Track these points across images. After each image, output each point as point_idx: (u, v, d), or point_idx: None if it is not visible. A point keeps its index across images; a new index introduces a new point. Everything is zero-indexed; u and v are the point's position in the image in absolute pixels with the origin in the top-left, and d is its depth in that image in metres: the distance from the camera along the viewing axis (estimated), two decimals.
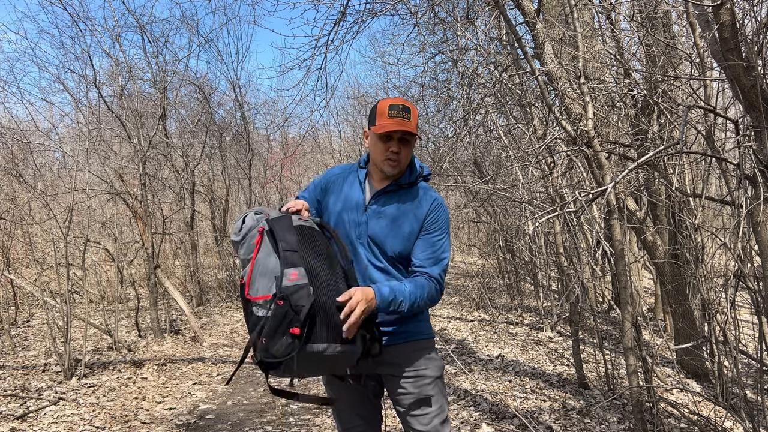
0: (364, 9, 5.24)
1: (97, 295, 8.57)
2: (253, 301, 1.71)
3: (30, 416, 4.13)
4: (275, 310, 1.64)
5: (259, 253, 1.76)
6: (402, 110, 1.89)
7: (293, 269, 1.69)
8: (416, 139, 1.95)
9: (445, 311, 8.43)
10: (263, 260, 1.74)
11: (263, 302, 1.68)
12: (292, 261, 1.71)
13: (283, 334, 1.62)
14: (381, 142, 1.91)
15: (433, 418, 1.96)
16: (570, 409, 3.98)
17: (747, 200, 2.31)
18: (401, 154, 1.91)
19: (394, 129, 1.86)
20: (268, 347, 1.63)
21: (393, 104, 1.90)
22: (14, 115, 15.05)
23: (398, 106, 1.89)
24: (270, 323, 1.63)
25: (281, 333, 1.62)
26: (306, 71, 5.60)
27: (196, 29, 12.46)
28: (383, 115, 1.89)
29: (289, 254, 1.71)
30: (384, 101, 1.93)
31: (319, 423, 4.04)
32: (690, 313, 4.55)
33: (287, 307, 1.63)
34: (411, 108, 1.91)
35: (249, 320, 1.73)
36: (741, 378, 2.74)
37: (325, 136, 18.53)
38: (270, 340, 1.63)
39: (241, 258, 1.84)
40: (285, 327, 1.62)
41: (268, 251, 1.75)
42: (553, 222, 5.02)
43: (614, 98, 4.53)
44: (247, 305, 1.74)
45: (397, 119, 1.87)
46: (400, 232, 1.93)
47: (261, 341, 1.64)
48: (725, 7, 2.15)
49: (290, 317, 1.63)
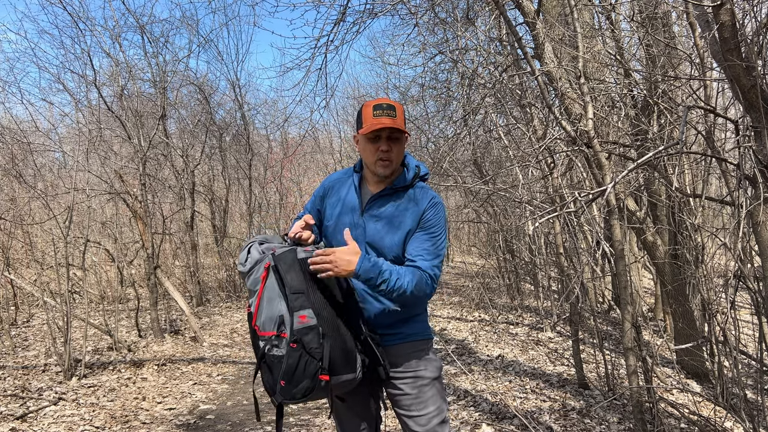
0: (364, 9, 5.25)
1: (97, 296, 8.57)
2: (259, 336, 1.80)
3: (30, 416, 4.13)
4: (289, 353, 1.72)
5: (265, 289, 1.82)
6: (387, 109, 1.86)
7: (302, 311, 1.76)
8: (406, 136, 1.93)
9: (445, 311, 8.43)
10: (268, 296, 1.81)
11: (268, 338, 1.77)
12: (300, 304, 1.77)
13: (304, 376, 1.72)
14: (370, 143, 1.89)
15: (432, 419, 1.96)
16: (570, 410, 3.98)
17: (747, 200, 2.31)
18: (392, 152, 1.89)
19: (380, 127, 1.84)
20: (288, 389, 1.73)
21: (377, 104, 1.88)
22: (14, 115, 15.05)
23: (382, 105, 1.87)
24: (286, 366, 1.72)
25: (300, 375, 1.72)
26: (306, 71, 5.60)
27: (196, 29, 12.46)
28: (368, 117, 1.87)
29: (295, 297, 1.78)
30: (368, 103, 1.91)
31: (319, 423, 4.04)
32: (690, 313, 4.55)
33: (301, 350, 1.72)
34: (396, 106, 1.89)
35: (256, 350, 1.84)
36: (741, 378, 2.74)
37: (325, 136, 18.53)
38: (288, 383, 1.73)
39: (248, 287, 1.92)
40: (302, 370, 1.72)
41: (273, 288, 1.81)
42: (553, 222, 5.02)
43: (614, 98, 4.53)
44: (254, 336, 1.84)
45: (382, 118, 1.85)
46: (398, 233, 1.92)
47: (280, 383, 1.73)
48: (725, 7, 2.15)
49: (305, 360, 1.72)
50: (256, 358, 1.86)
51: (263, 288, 1.82)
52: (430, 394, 1.98)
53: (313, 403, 4.49)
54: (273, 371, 1.76)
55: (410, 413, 1.97)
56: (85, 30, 9.17)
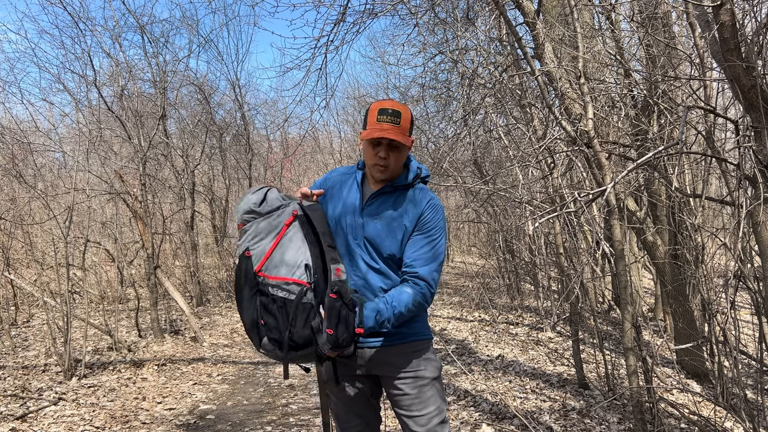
0: (364, 9, 5.24)
1: (97, 296, 8.57)
2: (268, 279, 1.77)
3: (30, 416, 4.13)
4: (331, 303, 1.72)
5: (287, 234, 1.80)
6: (391, 115, 1.85)
7: (337, 265, 1.79)
8: (407, 145, 1.91)
9: (446, 311, 8.43)
10: (291, 244, 1.79)
11: (284, 284, 1.76)
12: (335, 257, 1.80)
13: (347, 327, 1.72)
14: (370, 147, 1.89)
15: (432, 419, 1.96)
16: (570, 410, 3.98)
17: (747, 200, 2.31)
18: (389, 159, 1.89)
19: (378, 137, 1.83)
20: (336, 337, 1.71)
21: (383, 108, 1.86)
22: (14, 116, 15.06)
23: (388, 111, 1.85)
24: (330, 315, 1.71)
25: (344, 326, 1.71)
26: (306, 71, 5.60)
27: (196, 29, 12.46)
28: (372, 120, 1.86)
29: (330, 250, 1.80)
30: (375, 105, 1.89)
31: (319, 423, 4.04)
32: (690, 313, 4.55)
33: (340, 301, 1.73)
34: (402, 111, 1.87)
35: (240, 296, 1.81)
36: (741, 378, 2.74)
37: (325, 136, 18.54)
38: (336, 330, 1.71)
39: (251, 231, 1.86)
40: (345, 321, 1.72)
41: (298, 236, 1.80)
42: (553, 222, 5.02)
43: (614, 98, 4.53)
44: (253, 281, 1.80)
45: (384, 125, 1.84)
46: (395, 232, 1.92)
47: (327, 332, 1.71)
48: (725, 7, 2.15)
49: (345, 312, 1.72)
50: (239, 305, 1.83)
51: (284, 233, 1.80)
52: (430, 394, 1.98)
53: (314, 403, 4.49)
54: (297, 317, 1.73)
55: (410, 413, 1.97)
56: (85, 30, 9.19)
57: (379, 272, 1.93)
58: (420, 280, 1.87)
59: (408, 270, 1.90)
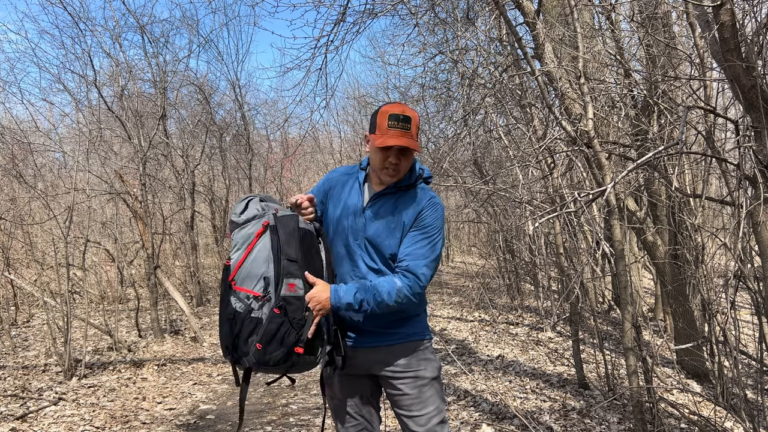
0: (364, 10, 5.25)
1: (97, 296, 8.57)
2: (235, 290, 1.77)
3: (30, 416, 4.13)
4: (271, 318, 1.71)
5: (257, 245, 1.79)
6: (402, 121, 1.85)
7: (293, 279, 1.76)
8: (418, 151, 1.93)
9: (446, 311, 8.43)
10: (259, 255, 1.77)
11: (244, 295, 1.75)
12: (292, 272, 1.76)
13: (281, 345, 1.71)
14: (381, 152, 1.89)
15: (431, 419, 1.97)
16: (570, 410, 3.98)
17: (747, 200, 2.31)
18: (400, 164, 1.89)
19: (392, 144, 1.83)
20: (262, 354, 1.71)
21: (393, 114, 1.85)
22: (14, 116, 15.05)
23: (398, 117, 1.85)
24: (265, 330, 1.70)
25: (278, 343, 1.71)
26: (306, 71, 5.61)
27: (196, 29, 12.44)
28: (383, 125, 1.86)
29: (288, 263, 1.76)
30: (385, 109, 1.88)
31: (319, 423, 4.04)
32: (690, 313, 4.55)
33: (284, 318, 1.71)
34: (412, 117, 1.87)
35: (224, 308, 1.79)
36: (741, 378, 2.74)
37: (325, 136, 18.55)
38: (266, 346, 1.71)
39: (234, 241, 1.86)
40: (281, 338, 1.71)
41: (265, 247, 1.78)
42: (553, 222, 5.02)
43: (614, 98, 4.53)
44: (227, 290, 1.80)
45: (396, 131, 1.84)
46: (395, 232, 1.93)
47: (256, 346, 1.70)
48: (725, 7, 2.15)
49: (286, 328, 1.71)
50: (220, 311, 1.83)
51: (254, 244, 1.78)
52: (430, 394, 1.98)
53: (314, 403, 4.49)
54: (242, 330, 1.73)
55: (410, 413, 1.97)
56: (85, 30, 9.18)
57: (379, 273, 1.93)
58: (409, 273, 1.87)
59: (399, 264, 1.90)
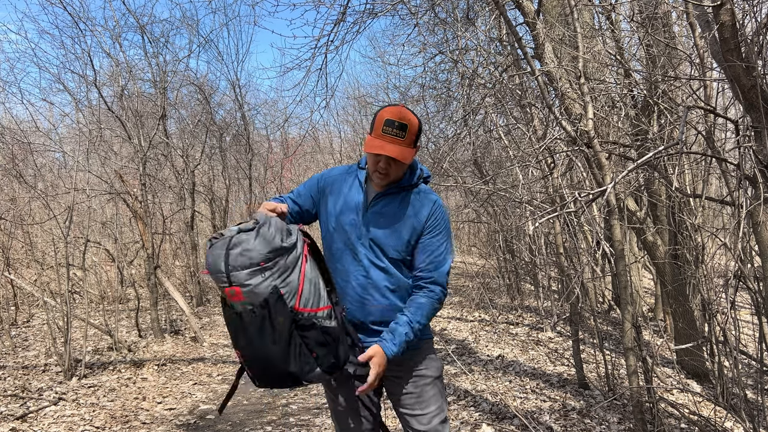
0: (364, 9, 5.25)
1: (97, 296, 8.57)
2: (309, 313, 1.74)
3: (30, 416, 4.13)
4: (342, 320, 1.86)
5: (308, 266, 1.80)
6: (397, 128, 1.80)
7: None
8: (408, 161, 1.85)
9: (446, 311, 8.43)
10: (311, 273, 1.80)
11: (326, 313, 1.80)
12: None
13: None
14: (371, 155, 1.87)
15: (433, 418, 1.97)
16: (570, 410, 3.98)
17: (747, 200, 2.31)
18: (390, 169, 1.87)
19: (377, 153, 1.80)
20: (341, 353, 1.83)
21: (389, 119, 1.80)
22: (14, 115, 15.05)
23: (394, 123, 1.80)
24: (341, 333, 1.83)
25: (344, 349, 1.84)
26: (306, 71, 5.60)
27: (196, 29, 12.43)
28: (378, 130, 1.82)
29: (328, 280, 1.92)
30: (384, 112, 1.84)
31: (319, 423, 4.04)
32: (690, 313, 4.55)
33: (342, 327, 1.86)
34: (409, 124, 1.82)
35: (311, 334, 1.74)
36: (741, 378, 2.74)
37: (325, 136, 18.56)
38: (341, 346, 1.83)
39: (282, 265, 1.70)
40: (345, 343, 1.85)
41: (313, 265, 1.84)
42: (553, 222, 5.02)
43: (614, 98, 4.53)
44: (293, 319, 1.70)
45: (388, 137, 1.81)
46: (401, 234, 1.92)
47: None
48: (725, 7, 2.15)
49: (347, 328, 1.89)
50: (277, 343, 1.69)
51: (306, 266, 1.79)
52: (432, 393, 1.99)
53: (314, 403, 4.49)
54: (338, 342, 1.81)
55: (413, 412, 1.98)
56: (85, 30, 9.17)
57: (383, 270, 1.93)
58: (436, 286, 1.93)
59: (423, 275, 1.93)
